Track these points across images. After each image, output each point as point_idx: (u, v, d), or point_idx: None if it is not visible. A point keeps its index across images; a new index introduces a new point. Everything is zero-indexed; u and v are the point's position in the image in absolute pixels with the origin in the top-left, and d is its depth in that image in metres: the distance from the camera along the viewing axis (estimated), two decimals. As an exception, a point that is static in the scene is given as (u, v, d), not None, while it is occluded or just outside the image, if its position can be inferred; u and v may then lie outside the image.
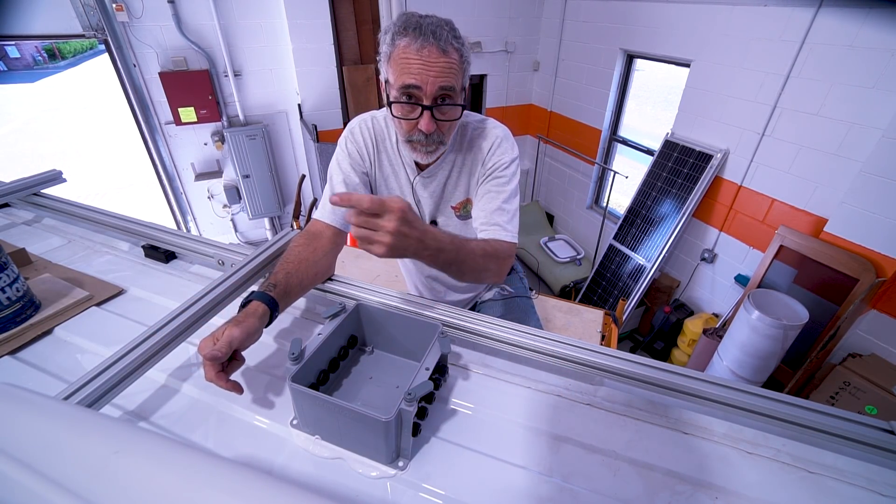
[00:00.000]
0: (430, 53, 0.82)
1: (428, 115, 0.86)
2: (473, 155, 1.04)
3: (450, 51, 0.83)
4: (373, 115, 1.06)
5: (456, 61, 0.85)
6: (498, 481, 0.63)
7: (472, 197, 1.08)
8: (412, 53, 0.82)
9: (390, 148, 1.05)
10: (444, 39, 0.82)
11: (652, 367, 0.75)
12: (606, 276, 3.61)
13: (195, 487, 0.30)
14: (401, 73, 0.84)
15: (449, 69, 0.84)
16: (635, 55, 3.53)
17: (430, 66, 0.82)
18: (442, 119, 0.89)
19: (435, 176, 1.06)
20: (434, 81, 0.83)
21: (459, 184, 1.07)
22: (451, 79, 0.85)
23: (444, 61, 0.83)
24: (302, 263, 0.87)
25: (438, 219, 1.13)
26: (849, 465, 0.67)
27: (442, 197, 1.09)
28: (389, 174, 1.08)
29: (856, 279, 2.21)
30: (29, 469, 0.29)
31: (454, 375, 0.80)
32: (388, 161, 1.07)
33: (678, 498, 0.62)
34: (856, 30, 2.15)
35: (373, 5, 3.56)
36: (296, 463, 0.64)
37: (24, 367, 0.79)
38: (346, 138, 1.05)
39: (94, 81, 11.73)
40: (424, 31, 0.82)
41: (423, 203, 1.10)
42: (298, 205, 3.50)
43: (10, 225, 1.26)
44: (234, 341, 0.66)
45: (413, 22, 0.83)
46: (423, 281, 1.31)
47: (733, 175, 2.89)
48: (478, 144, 1.03)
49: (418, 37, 0.82)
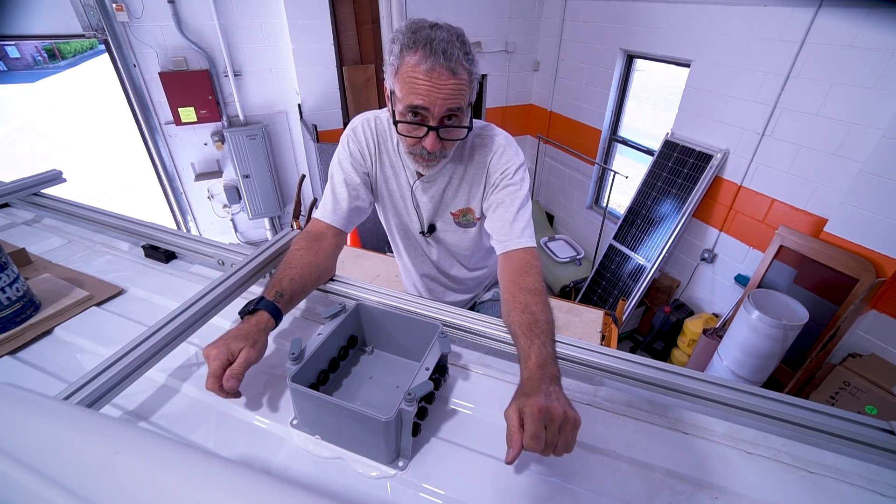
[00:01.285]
0: (439, 75, 0.79)
1: (433, 135, 0.85)
2: (476, 163, 1.03)
3: (459, 71, 0.81)
4: (375, 114, 1.05)
5: (465, 81, 0.83)
6: (498, 481, 0.63)
7: (474, 207, 1.07)
8: (421, 74, 0.80)
9: (391, 149, 1.05)
10: (455, 59, 0.80)
11: (652, 367, 0.75)
12: (606, 276, 3.61)
13: (195, 487, 0.30)
14: (408, 92, 0.82)
15: (458, 91, 0.82)
16: (635, 55, 3.53)
17: (440, 88, 0.80)
18: (447, 139, 0.88)
19: (435, 181, 1.05)
20: (442, 104, 0.82)
21: (460, 191, 1.06)
22: (460, 100, 0.84)
23: (453, 83, 0.81)
24: (306, 268, 0.87)
25: (437, 224, 1.12)
26: (849, 465, 0.67)
27: (441, 202, 1.09)
28: (390, 175, 1.08)
29: (856, 279, 2.21)
30: (29, 469, 0.29)
31: (454, 375, 0.80)
32: (388, 162, 1.06)
33: (678, 498, 0.62)
34: (856, 30, 2.15)
35: (373, 5, 3.56)
36: (296, 463, 0.64)
37: (24, 367, 0.79)
38: (349, 137, 1.04)
39: (94, 81, 11.73)
40: (435, 49, 0.78)
41: (421, 207, 1.10)
42: (298, 205, 3.50)
43: (10, 225, 1.26)
44: (251, 364, 0.68)
45: (423, 36, 0.80)
46: (421, 281, 1.30)
47: (733, 175, 2.89)
48: (480, 153, 1.02)
49: (428, 56, 0.79)
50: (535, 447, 0.55)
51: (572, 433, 0.58)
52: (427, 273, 1.27)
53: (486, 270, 1.31)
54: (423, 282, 1.30)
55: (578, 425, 0.59)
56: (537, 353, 0.69)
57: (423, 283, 1.31)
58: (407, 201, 1.10)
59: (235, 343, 0.68)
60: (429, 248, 1.19)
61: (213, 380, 0.65)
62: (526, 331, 0.73)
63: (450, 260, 1.22)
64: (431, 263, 1.23)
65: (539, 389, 0.61)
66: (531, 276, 0.86)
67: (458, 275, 1.26)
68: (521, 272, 0.88)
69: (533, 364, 0.67)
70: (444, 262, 1.22)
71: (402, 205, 1.11)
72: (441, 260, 1.21)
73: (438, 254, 1.20)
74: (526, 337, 0.72)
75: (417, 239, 1.18)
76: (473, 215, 1.09)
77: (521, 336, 0.74)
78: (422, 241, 1.18)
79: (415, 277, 1.31)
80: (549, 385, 0.62)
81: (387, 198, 1.11)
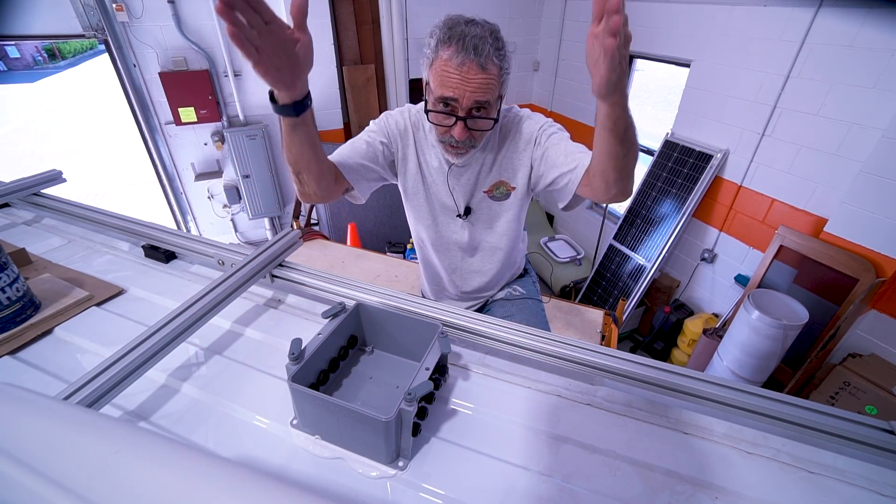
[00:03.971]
0: (469, 70, 0.86)
1: (461, 124, 0.91)
2: (508, 140, 1.08)
3: (489, 66, 0.87)
4: (412, 106, 1.11)
5: (494, 76, 0.89)
6: (498, 481, 0.63)
7: (506, 178, 1.11)
8: (452, 68, 0.86)
9: (424, 139, 1.10)
10: (486, 55, 0.86)
11: (652, 367, 0.75)
12: (606, 276, 3.61)
13: (195, 487, 0.30)
14: (440, 84, 0.89)
15: (487, 85, 0.88)
16: (635, 55, 3.53)
17: (469, 81, 0.87)
18: (476, 129, 0.94)
19: (469, 166, 1.10)
20: (470, 96, 0.88)
21: (493, 169, 1.11)
22: (488, 94, 0.89)
23: (482, 77, 0.87)
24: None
25: (472, 204, 1.16)
26: (849, 465, 0.67)
27: (476, 184, 1.13)
28: (424, 164, 1.12)
29: (856, 279, 2.21)
30: (29, 469, 0.29)
31: (454, 375, 0.80)
32: (422, 152, 1.11)
33: (678, 498, 0.62)
34: (856, 30, 2.15)
35: (373, 5, 3.56)
36: (296, 463, 0.64)
37: (24, 367, 0.79)
38: (386, 115, 1.10)
39: (94, 81, 11.73)
40: (467, 45, 0.85)
41: (455, 192, 1.13)
42: (298, 205, 3.50)
43: (10, 225, 1.26)
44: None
45: (458, 32, 0.86)
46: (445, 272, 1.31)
47: (733, 175, 2.89)
48: (511, 134, 1.08)
49: (460, 51, 0.85)
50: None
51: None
52: (453, 264, 1.29)
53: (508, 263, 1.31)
54: (448, 276, 1.31)
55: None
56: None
57: (449, 277, 1.32)
58: (440, 187, 1.14)
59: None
60: (462, 232, 1.21)
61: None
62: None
63: (478, 245, 1.24)
64: (460, 251, 1.25)
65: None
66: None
67: (482, 266, 1.28)
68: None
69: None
70: (473, 246, 1.24)
71: (434, 192, 1.15)
72: (469, 244, 1.23)
73: (469, 237, 1.21)
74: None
75: (451, 226, 1.21)
76: (507, 185, 1.12)
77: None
78: (455, 227, 1.21)
79: (441, 271, 1.32)
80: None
81: (421, 187, 1.15)
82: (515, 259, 1.34)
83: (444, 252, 1.26)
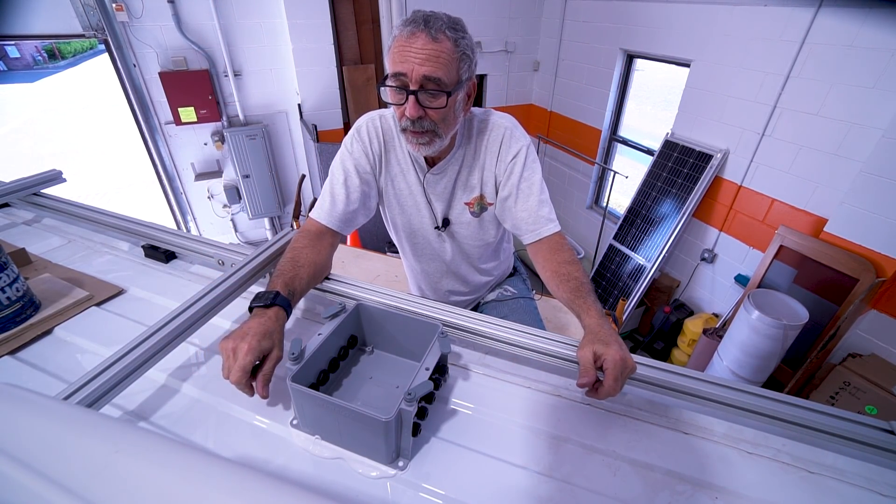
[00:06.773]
0: (418, 40, 0.82)
1: (412, 99, 0.86)
2: (483, 150, 1.04)
3: (441, 38, 0.83)
4: (381, 113, 1.05)
5: (447, 50, 0.84)
6: (498, 481, 0.63)
7: (486, 193, 1.08)
8: (403, 41, 0.84)
9: (399, 147, 1.05)
10: (436, 28, 0.83)
11: (652, 367, 0.75)
12: (606, 276, 3.61)
13: (195, 487, 0.30)
14: (392, 62, 0.86)
15: (437, 57, 0.83)
16: (635, 55, 3.53)
17: (418, 52, 0.83)
18: (429, 107, 0.87)
19: (445, 172, 1.05)
20: (419, 69, 0.83)
21: (471, 178, 1.07)
22: (440, 68, 0.83)
23: (432, 48, 0.82)
24: (312, 268, 0.89)
25: (451, 216, 1.12)
26: (849, 465, 0.67)
27: (453, 193, 1.09)
28: (398, 174, 1.08)
29: (856, 279, 2.21)
30: (29, 469, 0.29)
31: (454, 375, 0.80)
32: (396, 161, 1.07)
33: (678, 498, 0.62)
34: (856, 30, 2.15)
35: (373, 5, 3.56)
36: (296, 463, 0.64)
37: (24, 367, 0.79)
38: (353, 137, 1.04)
39: (94, 81, 11.73)
40: (418, 20, 0.83)
41: (434, 201, 1.10)
42: (298, 205, 3.50)
43: (10, 225, 1.26)
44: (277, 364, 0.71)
45: (414, 16, 0.85)
46: (427, 283, 1.30)
47: (733, 175, 2.89)
48: (486, 138, 1.03)
49: (410, 24, 0.84)
50: (615, 391, 0.67)
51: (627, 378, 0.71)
52: (435, 274, 1.27)
53: (494, 267, 1.31)
54: (429, 283, 1.30)
55: (635, 371, 0.71)
56: (594, 306, 0.81)
57: (430, 285, 1.31)
58: (417, 198, 1.10)
59: (265, 342, 0.69)
60: (441, 244, 1.19)
61: (243, 374, 0.66)
62: (577, 293, 0.85)
63: (460, 257, 1.22)
64: (441, 262, 1.23)
65: (613, 339, 0.72)
66: (565, 252, 0.96)
67: (466, 275, 1.26)
68: (555, 251, 0.97)
69: (594, 314, 0.78)
70: (455, 260, 1.22)
71: (411, 202, 1.11)
72: (452, 259, 1.21)
73: (451, 251, 1.19)
74: (580, 297, 0.84)
75: (429, 238, 1.18)
76: (486, 201, 1.09)
77: (574, 298, 0.84)
78: (434, 239, 1.18)
79: (420, 279, 1.31)
80: (617, 335, 0.73)
81: (393, 198, 1.11)
82: (501, 261, 1.33)
83: (426, 261, 1.24)
